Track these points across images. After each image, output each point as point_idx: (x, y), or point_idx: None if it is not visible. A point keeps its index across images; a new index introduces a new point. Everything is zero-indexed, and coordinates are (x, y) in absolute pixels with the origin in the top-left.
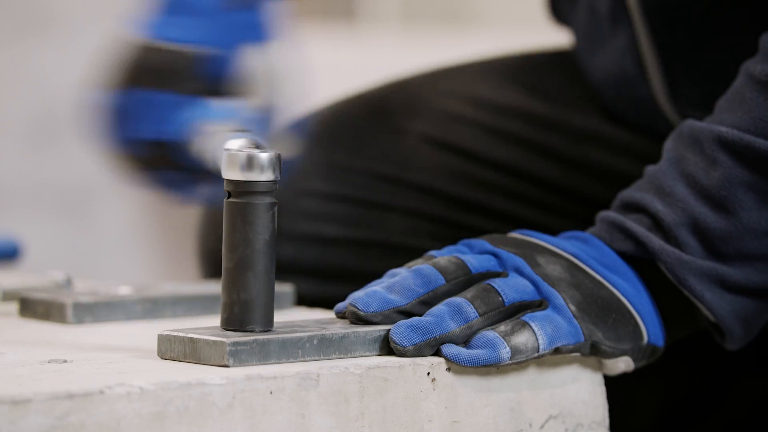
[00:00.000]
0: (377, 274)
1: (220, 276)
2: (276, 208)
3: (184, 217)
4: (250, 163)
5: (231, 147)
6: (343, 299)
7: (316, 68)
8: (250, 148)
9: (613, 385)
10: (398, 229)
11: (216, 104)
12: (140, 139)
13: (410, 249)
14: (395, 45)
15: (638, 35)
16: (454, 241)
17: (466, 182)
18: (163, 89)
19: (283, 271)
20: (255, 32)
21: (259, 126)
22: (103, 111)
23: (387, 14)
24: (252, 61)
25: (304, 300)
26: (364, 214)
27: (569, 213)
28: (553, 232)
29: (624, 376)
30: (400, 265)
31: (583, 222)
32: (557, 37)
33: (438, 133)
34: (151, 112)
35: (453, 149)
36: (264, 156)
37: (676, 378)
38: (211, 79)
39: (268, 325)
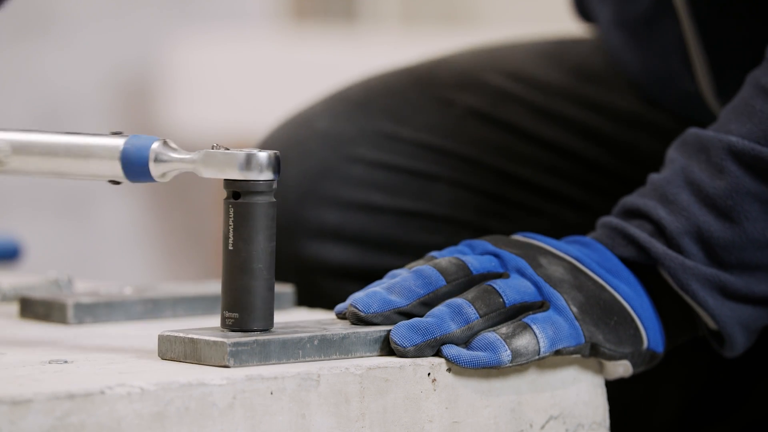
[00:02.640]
0: (420, 246)
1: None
2: (275, 208)
3: (185, 218)
4: (248, 163)
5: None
6: (384, 271)
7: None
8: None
9: (634, 380)
10: (443, 200)
11: None
12: None
13: (454, 222)
14: (395, 45)
15: (685, 31)
16: (498, 215)
17: (513, 157)
18: None
19: (326, 237)
20: None
21: None
22: None
23: (387, 14)
24: None
25: (345, 269)
26: (410, 184)
27: (613, 193)
28: (598, 212)
29: (646, 372)
30: (443, 238)
31: None
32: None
33: (485, 108)
34: None
35: (500, 124)
36: (263, 155)
37: (697, 374)
38: None
39: (268, 326)
